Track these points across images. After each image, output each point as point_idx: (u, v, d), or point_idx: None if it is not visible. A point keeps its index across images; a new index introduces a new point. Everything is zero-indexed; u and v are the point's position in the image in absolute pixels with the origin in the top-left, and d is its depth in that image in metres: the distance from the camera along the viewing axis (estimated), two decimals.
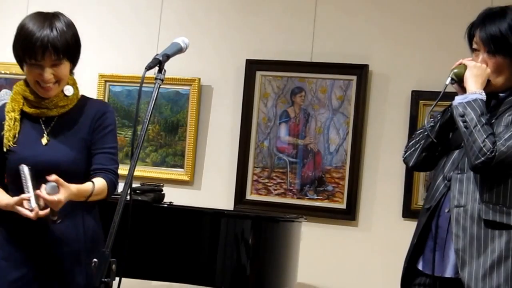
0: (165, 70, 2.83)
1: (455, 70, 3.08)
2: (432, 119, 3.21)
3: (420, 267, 3.17)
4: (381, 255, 5.21)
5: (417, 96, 5.15)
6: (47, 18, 3.14)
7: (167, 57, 2.85)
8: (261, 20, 5.62)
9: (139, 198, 4.54)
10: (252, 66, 5.55)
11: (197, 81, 5.66)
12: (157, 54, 2.84)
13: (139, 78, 2.74)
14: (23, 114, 3.17)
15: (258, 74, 5.54)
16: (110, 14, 6.01)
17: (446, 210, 3.06)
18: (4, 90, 5.76)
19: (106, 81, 5.87)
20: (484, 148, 2.90)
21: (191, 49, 3.11)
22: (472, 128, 2.94)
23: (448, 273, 3.04)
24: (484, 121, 2.95)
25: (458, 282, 3.00)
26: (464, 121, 2.97)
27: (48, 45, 3.06)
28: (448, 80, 3.07)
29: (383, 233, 5.24)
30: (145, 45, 5.73)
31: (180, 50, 2.95)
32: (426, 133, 3.18)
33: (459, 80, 3.07)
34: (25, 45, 3.09)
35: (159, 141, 5.75)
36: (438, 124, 3.16)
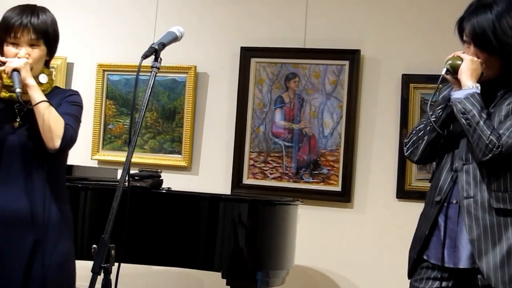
0: (161, 59, 2.87)
1: (450, 62, 3.09)
2: (431, 113, 3.18)
3: (425, 256, 3.18)
4: (376, 236, 5.28)
5: (408, 80, 5.22)
6: (29, 6, 3.29)
7: (162, 45, 2.89)
8: (255, 8, 5.66)
9: (138, 184, 4.51)
10: (247, 53, 5.60)
11: (193, 68, 5.70)
12: (153, 43, 2.87)
13: (136, 67, 2.79)
14: (1, 99, 3.26)
15: (253, 61, 5.58)
16: (108, 4, 6.04)
17: (454, 201, 3.09)
18: None
19: (104, 70, 5.89)
20: (490, 145, 2.93)
21: (187, 37, 3.15)
22: (475, 125, 2.96)
23: (463, 264, 3.05)
24: (485, 116, 2.97)
25: (472, 272, 3.04)
26: (467, 119, 2.99)
27: (28, 23, 3.20)
28: (444, 71, 3.08)
29: (377, 214, 5.30)
30: (143, 35, 5.75)
31: (175, 38, 3.00)
32: (428, 127, 3.17)
33: (454, 71, 3.08)
34: (6, 24, 3.23)
35: (157, 128, 5.79)
36: (441, 118, 3.15)
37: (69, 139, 3.16)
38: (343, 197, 5.34)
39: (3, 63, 3.15)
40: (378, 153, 5.33)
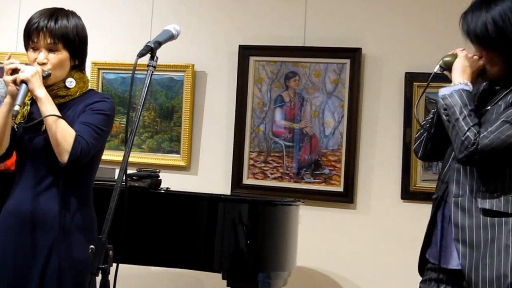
0: (157, 57, 2.86)
1: (445, 59, 3.09)
2: (433, 110, 3.19)
3: (427, 255, 3.18)
4: (380, 238, 5.24)
5: (411, 78, 5.17)
6: (50, 10, 3.27)
7: (158, 44, 2.89)
8: (254, 6, 5.63)
9: (136, 184, 4.53)
10: (245, 52, 5.57)
11: (191, 67, 5.67)
12: (148, 42, 2.87)
13: (132, 65, 2.76)
14: (34, 100, 3.24)
15: (252, 59, 5.55)
16: (103, 1, 6.01)
17: (448, 200, 3.07)
18: None
19: (99, 68, 5.87)
20: (465, 141, 2.89)
21: (184, 35, 3.13)
22: (454, 121, 2.94)
23: (452, 264, 3.04)
24: (466, 113, 2.93)
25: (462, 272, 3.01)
26: (447, 115, 2.97)
27: (44, 28, 3.17)
28: (437, 68, 3.09)
29: (381, 216, 5.26)
30: (138, 32, 5.74)
31: (171, 37, 3.00)
32: (427, 125, 3.18)
33: (448, 68, 3.07)
34: (25, 28, 3.23)
35: (154, 127, 5.77)
36: (434, 117, 3.15)
37: (78, 153, 3.07)
38: (346, 197, 5.31)
39: (18, 71, 3.11)
40: (382, 153, 5.29)
